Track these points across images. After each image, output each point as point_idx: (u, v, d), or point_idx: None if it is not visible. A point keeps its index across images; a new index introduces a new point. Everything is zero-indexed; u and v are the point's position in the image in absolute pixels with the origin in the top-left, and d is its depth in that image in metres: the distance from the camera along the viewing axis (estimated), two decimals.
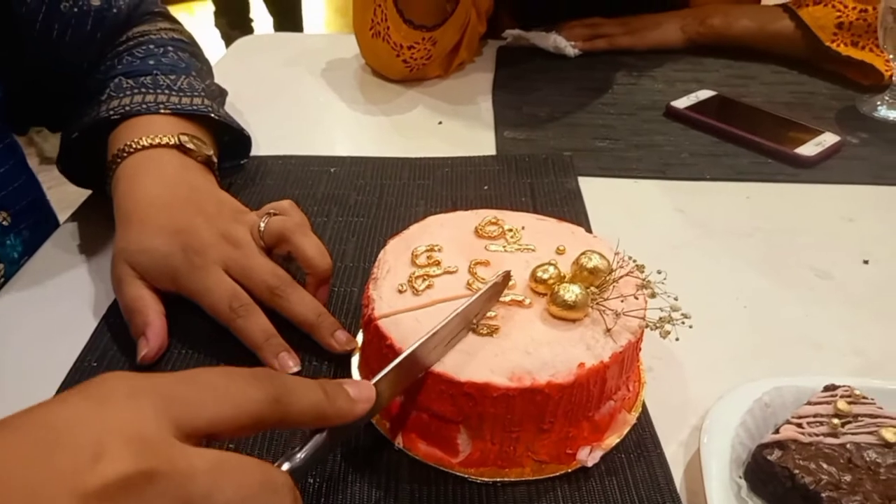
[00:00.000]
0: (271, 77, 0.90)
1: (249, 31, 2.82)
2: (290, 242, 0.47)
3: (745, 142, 0.71)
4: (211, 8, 2.93)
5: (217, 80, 0.70)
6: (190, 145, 0.53)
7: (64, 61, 0.60)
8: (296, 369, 0.43)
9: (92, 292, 0.51)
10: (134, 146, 0.52)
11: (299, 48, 0.99)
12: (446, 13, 0.82)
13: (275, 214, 0.48)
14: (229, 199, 0.51)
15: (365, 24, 0.83)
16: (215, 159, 0.56)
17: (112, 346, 0.46)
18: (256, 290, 0.45)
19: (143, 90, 0.57)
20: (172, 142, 0.53)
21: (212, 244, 0.46)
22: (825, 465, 0.35)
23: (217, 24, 2.85)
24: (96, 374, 0.43)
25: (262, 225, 0.48)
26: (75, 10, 0.58)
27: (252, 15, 2.88)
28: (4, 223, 0.56)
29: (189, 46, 0.66)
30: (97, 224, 0.57)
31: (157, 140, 0.52)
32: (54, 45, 0.58)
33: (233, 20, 2.77)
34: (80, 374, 0.44)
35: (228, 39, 2.74)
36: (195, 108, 0.57)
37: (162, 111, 0.55)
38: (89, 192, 0.63)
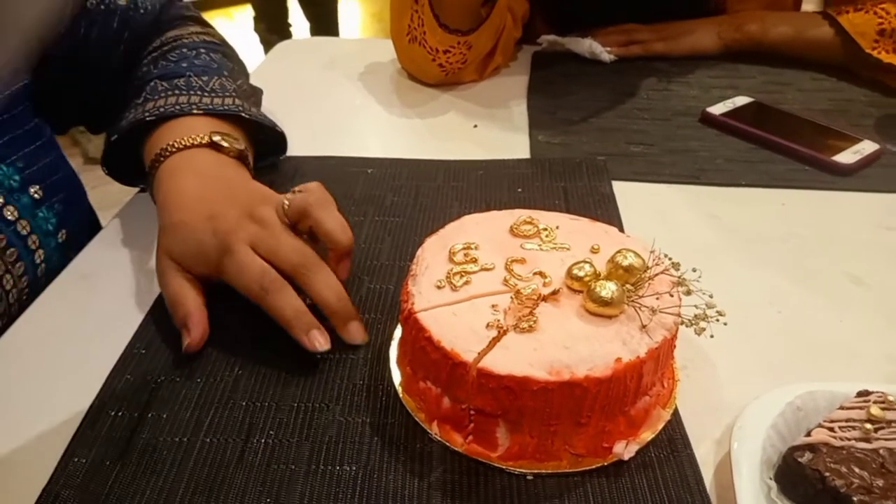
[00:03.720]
0: (309, 80, 0.92)
1: (288, 35, 2.87)
2: (310, 217, 0.48)
3: (781, 148, 0.71)
4: (250, 13, 2.99)
5: (257, 82, 0.72)
6: (223, 143, 0.56)
7: (92, 58, 0.62)
8: (327, 347, 0.45)
9: (137, 286, 0.53)
10: (170, 149, 0.55)
11: (337, 52, 1.01)
12: (482, 18, 0.83)
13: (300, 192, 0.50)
14: (260, 187, 0.53)
15: (401, 29, 0.84)
16: (248, 154, 0.59)
17: (158, 335, 0.48)
18: (283, 267, 0.47)
19: (177, 92, 0.59)
20: (205, 141, 0.55)
21: (239, 225, 0.48)
22: (857, 469, 0.35)
23: (256, 29, 2.91)
24: (144, 360, 0.45)
25: (286, 203, 0.49)
26: (101, 7, 0.61)
27: (290, 20, 2.93)
28: (36, 196, 0.58)
29: (221, 48, 0.69)
30: (140, 223, 0.59)
31: (191, 141, 0.55)
32: (82, 41, 0.61)
33: (272, 25, 2.83)
34: (129, 360, 0.46)
35: (267, 44, 2.79)
36: (226, 108, 0.60)
37: (195, 112, 0.58)
38: (132, 192, 0.66)
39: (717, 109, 0.78)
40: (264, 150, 0.66)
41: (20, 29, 0.31)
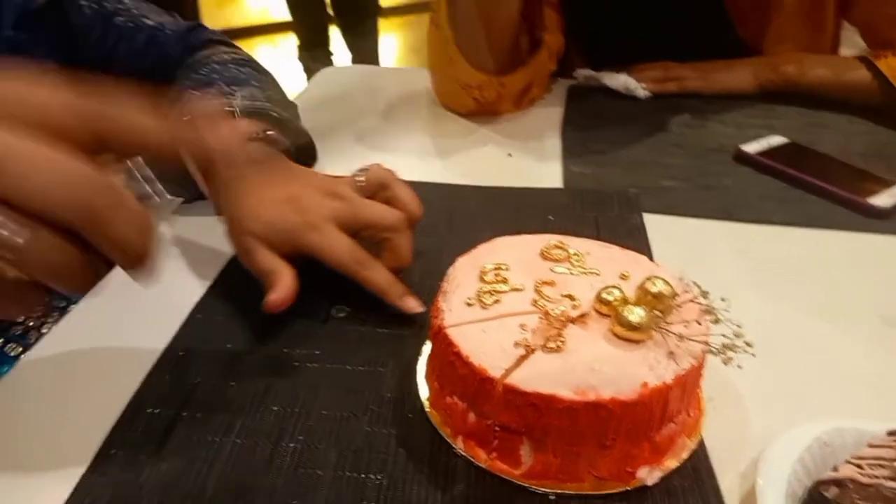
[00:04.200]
0: (349, 106, 0.95)
1: (329, 64, 2.95)
2: (390, 188, 0.54)
3: (816, 189, 0.71)
4: (294, 42, 3.08)
5: (301, 107, 0.75)
6: (274, 136, 0.59)
7: (118, 69, 0.66)
8: (420, 309, 0.50)
9: (178, 291, 0.55)
10: None
11: (376, 80, 1.04)
12: (518, 62, 0.84)
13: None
14: (318, 172, 0.57)
15: (436, 62, 0.87)
16: (292, 148, 0.62)
17: (197, 339, 0.49)
18: (377, 231, 0.52)
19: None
20: (260, 135, 0.58)
21: (320, 202, 0.52)
22: None
23: (300, 58, 3.00)
24: (182, 362, 0.47)
25: (361, 177, 0.54)
26: (130, 24, 0.66)
27: (332, 49, 3.01)
28: None
29: (249, 63, 0.72)
30: (189, 228, 0.62)
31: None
32: (108, 54, 0.65)
33: (315, 53, 2.91)
34: (168, 361, 0.47)
35: (309, 72, 2.87)
36: (255, 106, 0.62)
37: (226, 109, 0.60)
38: None
39: (752, 148, 0.78)
40: (294, 158, 0.68)
41: None
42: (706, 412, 0.43)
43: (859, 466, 0.36)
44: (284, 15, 3.61)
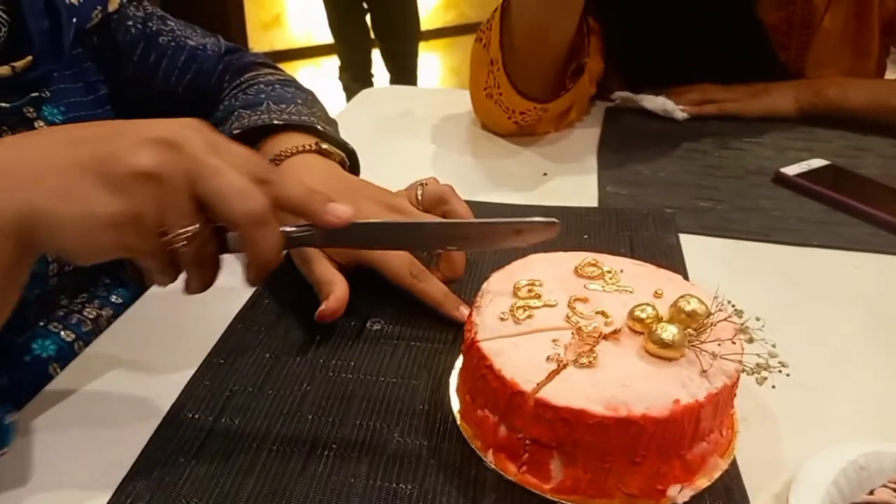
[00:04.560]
0: (388, 125, 0.97)
1: (370, 85, 3.01)
2: (448, 203, 0.56)
3: (857, 212, 0.70)
4: (334, 63, 3.16)
5: (341, 126, 0.77)
6: (329, 149, 0.61)
7: (155, 86, 0.69)
8: None
9: (219, 302, 0.57)
10: (283, 155, 0.59)
11: (415, 100, 1.06)
12: (562, 88, 0.84)
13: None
14: (373, 184, 0.59)
15: (479, 84, 0.87)
16: (347, 161, 0.64)
17: (236, 348, 0.51)
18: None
19: (259, 113, 0.65)
20: (314, 147, 0.60)
21: (380, 215, 0.53)
22: None
23: (341, 78, 3.07)
24: (222, 370, 0.48)
25: (420, 191, 0.56)
26: (172, 44, 0.69)
27: (373, 71, 3.08)
28: None
29: (293, 83, 0.75)
30: None
31: (301, 147, 0.60)
32: (150, 69, 0.68)
33: (355, 74, 2.98)
34: (209, 368, 0.49)
35: (350, 92, 2.94)
36: (302, 121, 0.64)
37: (275, 121, 0.62)
38: None
39: (792, 170, 0.77)
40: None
41: None
42: (739, 432, 0.42)
43: None
44: (327, 38, 3.71)
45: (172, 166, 0.36)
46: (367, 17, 2.90)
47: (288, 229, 0.41)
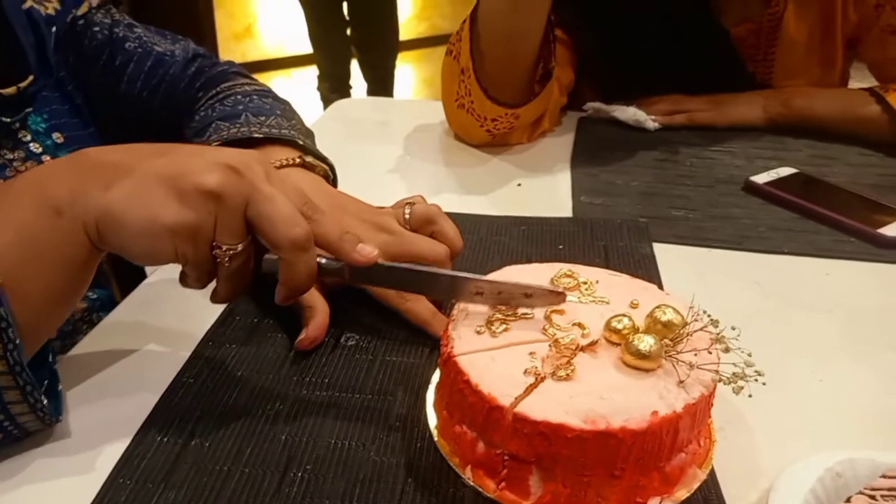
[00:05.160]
0: (363, 136, 0.96)
1: (348, 96, 3.01)
2: (436, 223, 0.56)
3: (826, 219, 0.71)
4: (306, 74, 3.15)
5: (315, 135, 0.76)
6: (314, 163, 0.60)
7: (121, 91, 0.68)
8: None
9: (188, 320, 0.56)
10: None
11: (390, 111, 1.06)
12: (532, 94, 0.85)
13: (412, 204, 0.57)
14: (360, 200, 0.58)
15: (451, 94, 0.88)
16: (331, 174, 0.63)
17: (206, 366, 0.49)
18: (426, 262, 0.53)
19: (238, 125, 0.64)
20: (297, 161, 0.59)
21: (369, 235, 0.52)
22: None
23: (319, 88, 3.07)
24: (192, 389, 0.47)
25: (408, 211, 0.56)
26: (139, 50, 0.69)
27: (352, 83, 3.08)
28: (58, 140, 0.63)
29: (270, 93, 0.74)
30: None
31: (285, 161, 0.59)
32: (116, 74, 0.68)
33: (335, 86, 2.98)
34: (177, 388, 0.47)
35: (328, 102, 2.93)
36: (282, 134, 0.63)
37: (255, 134, 0.61)
38: None
39: (762, 179, 0.78)
40: None
41: None
42: (717, 442, 0.42)
43: (873, 497, 0.36)
44: (299, 48, 3.69)
45: (234, 188, 0.40)
46: (348, 30, 2.90)
47: (321, 260, 0.44)
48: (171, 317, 0.56)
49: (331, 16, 2.84)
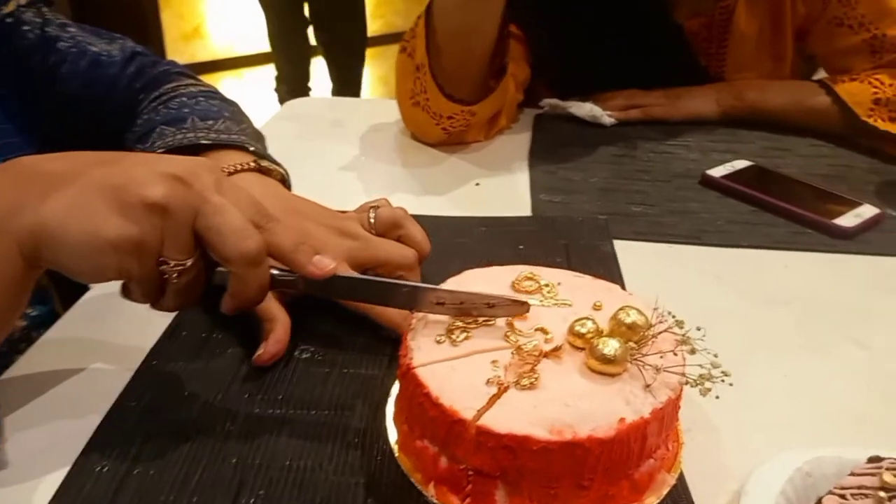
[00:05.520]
0: (316, 137, 0.93)
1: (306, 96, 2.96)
2: (403, 227, 0.54)
3: (782, 211, 0.71)
4: (259, 74, 3.09)
5: (266, 136, 0.73)
6: (266, 165, 0.57)
7: (55, 93, 0.65)
8: None
9: (131, 339, 0.52)
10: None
11: (343, 111, 1.03)
12: (487, 90, 0.84)
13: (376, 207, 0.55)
14: (321, 205, 0.56)
15: (406, 92, 0.86)
16: (287, 178, 0.60)
17: (151, 388, 0.47)
18: (392, 269, 0.52)
19: (184, 131, 0.60)
20: (252, 166, 0.56)
21: (332, 241, 0.50)
22: None
23: (277, 90, 3.01)
24: (134, 413, 0.44)
25: (373, 215, 0.54)
26: (73, 49, 0.65)
27: (311, 84, 3.03)
28: None
29: (217, 95, 0.70)
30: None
31: (239, 165, 0.55)
32: (48, 75, 0.64)
33: (293, 87, 2.92)
34: (119, 413, 0.44)
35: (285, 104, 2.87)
36: (231, 140, 0.60)
37: (203, 141, 0.58)
38: None
39: (718, 172, 0.78)
40: None
41: None
42: (685, 443, 0.42)
43: (843, 497, 0.35)
44: (250, 48, 3.61)
45: (181, 200, 0.38)
46: (310, 29, 2.84)
47: (274, 272, 0.42)
48: (115, 331, 0.53)
49: (290, 17, 2.79)
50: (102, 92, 0.66)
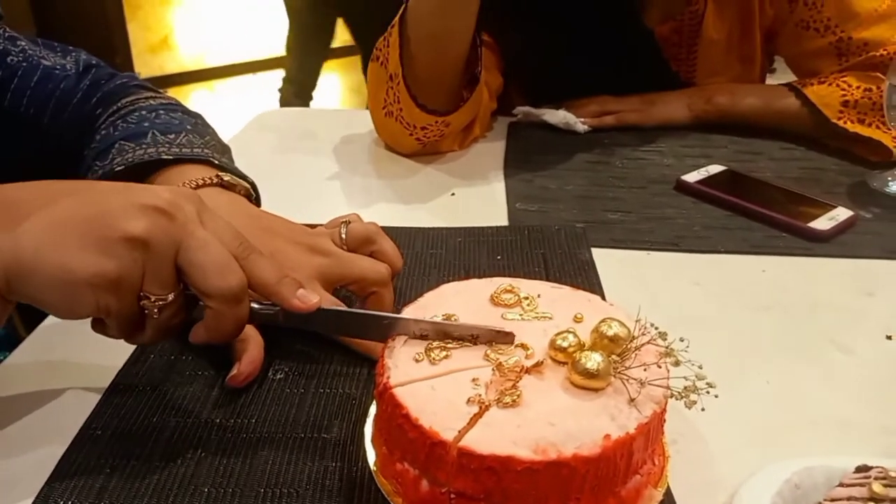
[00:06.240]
0: (287, 149, 0.92)
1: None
2: (375, 242, 0.53)
3: (757, 216, 0.71)
4: (230, 85, 3.08)
5: (236, 149, 0.71)
6: (232, 181, 0.55)
7: (5, 108, 0.62)
8: None
9: (96, 362, 0.50)
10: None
11: (315, 122, 1.02)
12: (461, 100, 0.83)
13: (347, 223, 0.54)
14: (289, 220, 0.54)
15: (378, 102, 0.85)
16: (253, 193, 0.58)
17: (117, 414, 0.45)
18: (365, 286, 0.51)
19: (145, 146, 0.58)
20: (215, 181, 0.54)
21: (304, 260, 0.49)
22: None
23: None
24: (100, 441, 0.42)
25: (344, 230, 0.53)
26: (24, 64, 0.63)
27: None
28: None
29: (179, 107, 0.68)
30: None
31: (201, 181, 0.53)
32: None
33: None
34: (83, 442, 0.42)
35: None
36: (195, 154, 0.57)
37: (164, 156, 0.56)
38: None
39: (692, 177, 0.78)
40: None
41: None
42: (671, 457, 0.41)
43: None
44: (221, 60, 3.58)
45: (163, 234, 0.37)
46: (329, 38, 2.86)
47: (254, 306, 0.41)
48: (80, 354, 0.51)
49: (316, 31, 2.82)
50: (55, 107, 0.63)
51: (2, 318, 0.38)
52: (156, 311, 0.38)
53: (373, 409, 0.43)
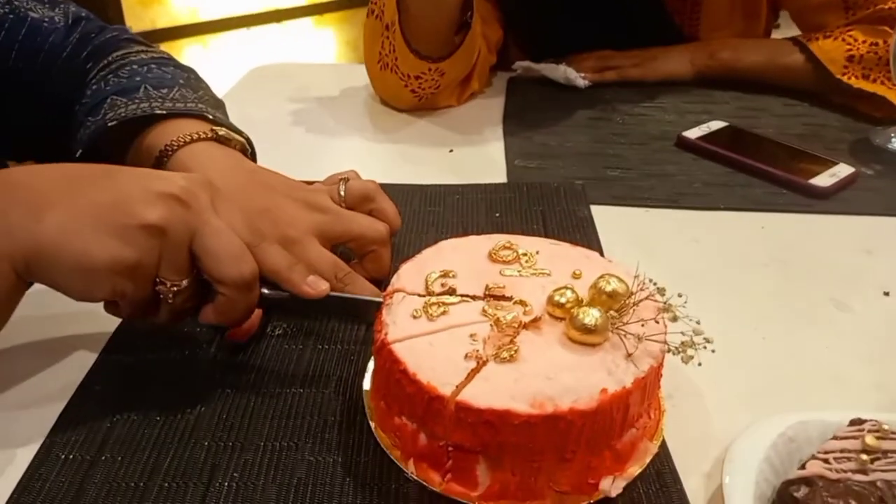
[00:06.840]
0: (283, 105, 0.90)
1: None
2: (374, 201, 0.53)
3: (758, 172, 0.71)
4: (223, 41, 3.00)
5: (230, 105, 0.70)
6: (228, 136, 0.54)
7: None
8: None
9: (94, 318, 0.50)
10: (175, 144, 0.51)
11: (310, 77, 1.00)
12: (454, 45, 0.82)
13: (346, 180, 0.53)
14: (287, 176, 0.54)
15: (374, 55, 0.83)
16: (248, 148, 0.57)
17: (117, 370, 0.45)
18: (364, 244, 0.51)
19: (137, 101, 0.56)
20: (209, 135, 0.53)
21: (301, 216, 0.49)
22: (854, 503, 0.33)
23: None
24: (99, 397, 0.42)
25: (343, 188, 0.52)
26: (10, 16, 0.61)
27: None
28: None
29: (171, 61, 0.66)
30: None
31: (196, 135, 0.52)
32: None
33: None
34: (83, 397, 0.43)
35: None
36: (188, 109, 0.56)
37: (157, 111, 0.54)
38: None
39: (693, 134, 0.78)
40: None
41: None
42: (666, 410, 0.41)
43: (826, 461, 0.35)
44: (215, 14, 3.50)
45: (179, 222, 0.38)
46: None
47: (265, 291, 0.42)
48: (78, 311, 0.51)
49: None
50: (43, 62, 0.61)
51: (17, 298, 0.39)
52: (171, 296, 0.39)
53: (371, 365, 0.44)
